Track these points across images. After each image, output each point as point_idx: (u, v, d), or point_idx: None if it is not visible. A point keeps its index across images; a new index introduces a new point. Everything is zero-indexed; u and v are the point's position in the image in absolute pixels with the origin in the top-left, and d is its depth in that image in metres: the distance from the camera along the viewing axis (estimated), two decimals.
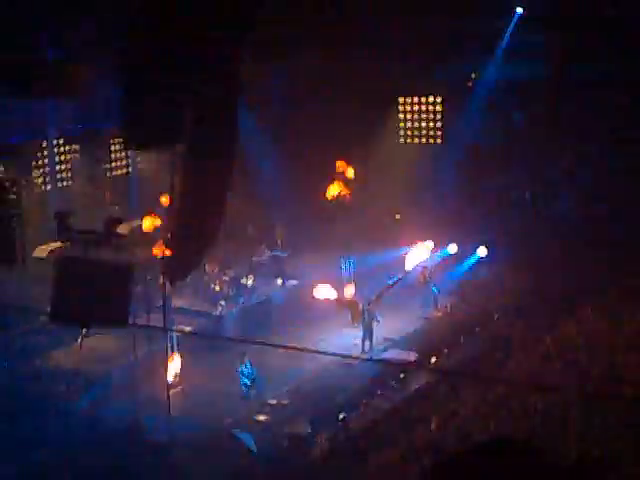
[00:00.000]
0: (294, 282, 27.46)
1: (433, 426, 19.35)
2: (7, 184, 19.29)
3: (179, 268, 15.35)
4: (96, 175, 27.95)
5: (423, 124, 32.68)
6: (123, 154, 27.79)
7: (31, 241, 24.40)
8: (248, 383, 21.52)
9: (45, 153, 26.70)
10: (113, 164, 28.07)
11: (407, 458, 17.64)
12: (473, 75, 30.93)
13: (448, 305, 27.34)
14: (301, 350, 20.80)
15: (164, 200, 20.90)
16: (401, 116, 32.94)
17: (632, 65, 26.67)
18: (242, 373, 21.58)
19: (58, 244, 20.29)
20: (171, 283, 18.03)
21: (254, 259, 28.03)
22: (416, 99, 32.59)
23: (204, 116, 13.23)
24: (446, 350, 23.69)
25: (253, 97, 24.64)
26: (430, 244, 27.55)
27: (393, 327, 25.35)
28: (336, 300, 25.24)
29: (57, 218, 18.92)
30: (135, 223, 20.99)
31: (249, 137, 25.54)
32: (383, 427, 19.94)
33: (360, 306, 24.78)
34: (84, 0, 18.21)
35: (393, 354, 23.85)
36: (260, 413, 20.89)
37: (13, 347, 22.40)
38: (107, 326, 18.37)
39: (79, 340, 20.81)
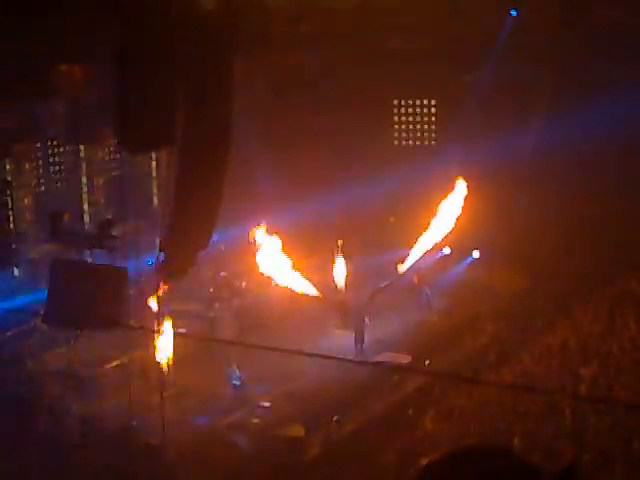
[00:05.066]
0: None
1: (427, 429, 19.37)
2: (1, 186, 19.33)
3: (174, 269, 15.37)
4: (90, 177, 27.89)
5: (418, 126, 32.78)
6: (118, 156, 27.73)
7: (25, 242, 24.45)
8: (237, 384, 21.51)
9: (39, 154, 26.65)
10: (108, 166, 28.00)
11: (401, 460, 17.65)
12: (468, 77, 30.94)
13: (442, 307, 27.33)
14: (294, 352, 20.77)
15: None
16: (396, 118, 33.00)
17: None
18: (230, 376, 21.58)
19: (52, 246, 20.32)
20: (166, 284, 18.10)
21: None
22: (411, 101, 32.66)
23: (199, 119, 13.25)
24: (439, 352, 23.68)
25: (249, 99, 24.63)
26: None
27: (387, 329, 25.33)
28: (325, 301, 25.28)
29: (51, 219, 18.96)
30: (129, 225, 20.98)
31: (243, 140, 25.50)
32: (377, 429, 19.93)
33: (350, 309, 24.79)
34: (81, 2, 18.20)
35: (387, 356, 23.83)
36: (254, 415, 20.87)
37: (6, 349, 22.35)
38: (101, 328, 18.45)
39: (72, 341, 20.82)
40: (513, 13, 29.08)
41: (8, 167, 25.43)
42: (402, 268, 26.52)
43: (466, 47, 28.35)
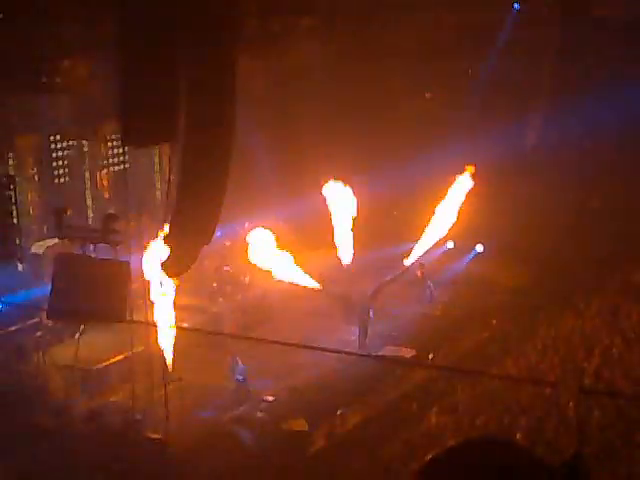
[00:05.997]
0: None
1: (431, 422, 19.39)
2: (5, 181, 19.33)
3: (177, 264, 15.38)
4: (93, 171, 27.90)
5: (417, 123, 32.78)
6: (121, 150, 27.73)
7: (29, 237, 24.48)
8: (240, 379, 21.53)
9: (42, 149, 26.64)
10: (111, 160, 28.01)
11: (405, 454, 17.67)
12: (470, 71, 30.94)
13: (445, 301, 27.34)
14: (298, 346, 20.79)
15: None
16: (398, 115, 33.00)
17: None
18: (234, 370, 21.60)
19: (55, 240, 20.34)
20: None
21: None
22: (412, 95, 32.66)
23: (202, 113, 13.25)
24: (443, 346, 23.70)
25: (250, 96, 24.64)
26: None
27: (391, 323, 25.35)
28: (329, 295, 25.30)
29: (54, 215, 18.98)
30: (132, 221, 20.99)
31: (246, 135, 25.51)
32: (380, 423, 19.96)
33: (354, 302, 24.81)
34: None
35: (391, 350, 23.84)
36: (258, 409, 20.90)
37: (10, 344, 22.39)
38: (104, 322, 18.48)
39: (77, 336, 20.84)
40: (516, 7, 29.08)
41: (11, 162, 25.43)
42: (406, 262, 26.55)
43: (469, 41, 28.36)
